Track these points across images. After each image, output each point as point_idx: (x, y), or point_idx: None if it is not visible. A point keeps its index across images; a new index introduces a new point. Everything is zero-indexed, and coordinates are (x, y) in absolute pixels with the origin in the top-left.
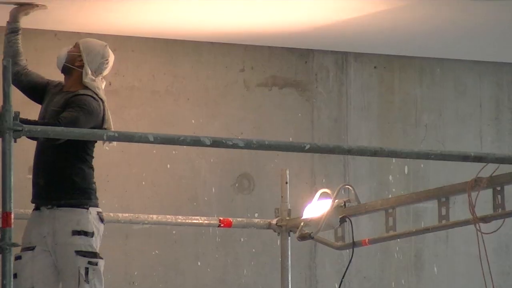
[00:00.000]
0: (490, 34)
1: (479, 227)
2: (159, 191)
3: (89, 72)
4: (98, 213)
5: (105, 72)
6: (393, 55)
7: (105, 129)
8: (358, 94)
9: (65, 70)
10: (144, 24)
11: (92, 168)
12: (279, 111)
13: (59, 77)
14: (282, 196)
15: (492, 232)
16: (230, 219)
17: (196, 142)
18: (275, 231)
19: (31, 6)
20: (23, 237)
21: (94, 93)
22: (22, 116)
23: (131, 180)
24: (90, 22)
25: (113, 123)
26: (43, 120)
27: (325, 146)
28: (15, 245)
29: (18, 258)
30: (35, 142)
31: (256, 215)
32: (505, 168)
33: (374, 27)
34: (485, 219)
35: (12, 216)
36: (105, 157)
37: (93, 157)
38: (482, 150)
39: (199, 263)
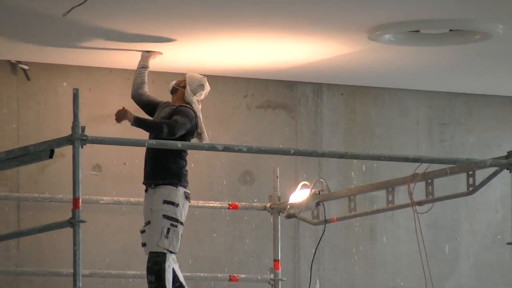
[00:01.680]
0: (424, 71)
1: (416, 208)
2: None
3: (189, 90)
4: (185, 192)
5: (201, 96)
6: (355, 85)
7: (198, 132)
8: (329, 113)
9: (173, 90)
10: (190, 64)
11: (185, 160)
12: (272, 126)
13: (120, 97)
14: (274, 187)
15: (424, 212)
16: (236, 203)
17: (212, 148)
18: (269, 212)
19: (154, 53)
20: (143, 215)
21: (191, 106)
22: (87, 129)
23: None
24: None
25: None
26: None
27: (305, 151)
28: (82, 221)
29: (143, 232)
30: (94, 149)
31: (255, 200)
32: (434, 167)
33: (341, 65)
34: (420, 203)
35: (80, 201)
36: (135, 164)
37: (187, 153)
38: (418, 154)
39: (214, 235)
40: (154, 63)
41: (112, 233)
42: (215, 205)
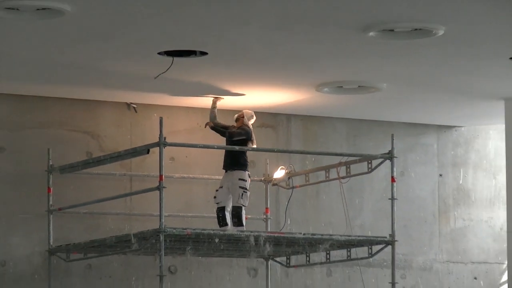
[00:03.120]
0: (345, 107)
1: (341, 181)
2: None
3: (245, 119)
4: (248, 174)
5: (252, 121)
6: (312, 115)
7: (251, 140)
8: (295, 130)
9: (237, 119)
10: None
11: (246, 156)
12: (265, 138)
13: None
14: (265, 169)
15: (345, 182)
16: None
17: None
18: (262, 182)
19: (219, 98)
20: (220, 183)
21: (248, 126)
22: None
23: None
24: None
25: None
26: (229, 138)
27: (282, 149)
28: (164, 187)
29: (217, 190)
30: (170, 149)
31: (255, 176)
32: (350, 158)
33: (302, 103)
34: (343, 178)
35: (163, 176)
36: (193, 157)
37: (246, 153)
38: (342, 151)
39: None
40: (225, 103)
41: (176, 195)
42: None
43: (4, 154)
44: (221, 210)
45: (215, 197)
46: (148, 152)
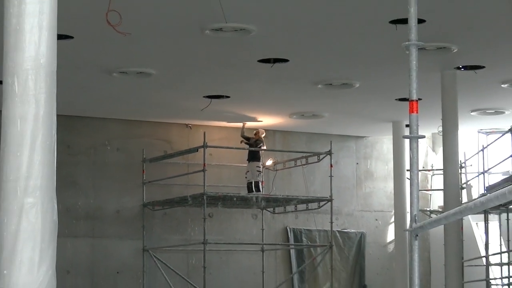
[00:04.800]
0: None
1: (303, 167)
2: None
3: (260, 133)
4: (261, 163)
5: (263, 135)
6: (287, 131)
7: (262, 147)
8: (279, 139)
9: (255, 133)
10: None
11: (259, 153)
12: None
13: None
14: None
15: (305, 167)
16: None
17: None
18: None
19: (245, 123)
20: (246, 169)
21: (261, 137)
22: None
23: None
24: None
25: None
26: (254, 144)
27: (272, 149)
28: (205, 170)
29: (246, 173)
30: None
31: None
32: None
33: (281, 124)
34: (304, 165)
35: (206, 165)
36: (222, 154)
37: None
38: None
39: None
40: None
41: (212, 175)
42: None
43: (118, 152)
44: (249, 183)
45: (246, 177)
46: (197, 151)
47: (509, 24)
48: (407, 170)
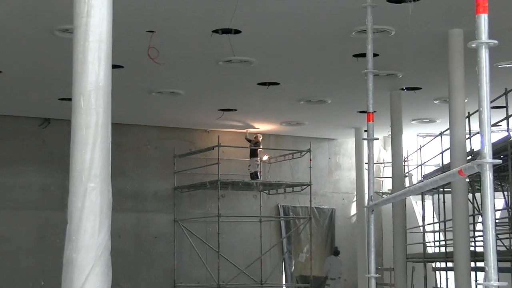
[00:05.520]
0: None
1: (290, 161)
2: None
3: (259, 137)
4: (260, 158)
5: (261, 138)
6: (278, 135)
7: (258, 147)
8: (273, 141)
9: (255, 137)
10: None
11: (257, 151)
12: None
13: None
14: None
15: (292, 160)
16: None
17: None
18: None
19: (249, 130)
20: (249, 163)
21: (259, 140)
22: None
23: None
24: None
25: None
26: (254, 145)
27: (267, 148)
28: (219, 162)
29: (249, 165)
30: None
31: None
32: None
33: (273, 130)
34: (290, 159)
35: (219, 160)
36: (231, 151)
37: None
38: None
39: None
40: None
41: (224, 166)
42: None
43: (155, 150)
44: (251, 173)
45: (248, 168)
46: (213, 149)
47: (439, 58)
48: (366, 163)
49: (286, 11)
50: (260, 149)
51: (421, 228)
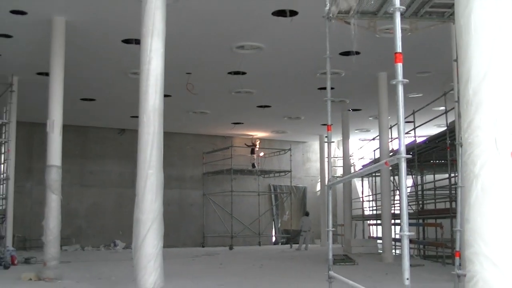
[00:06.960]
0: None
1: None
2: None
3: (256, 141)
4: (258, 154)
5: (257, 142)
6: (270, 139)
7: (256, 146)
8: (267, 143)
9: (254, 140)
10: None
11: (255, 151)
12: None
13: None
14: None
15: (279, 155)
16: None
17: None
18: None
19: (253, 137)
20: (250, 160)
21: (256, 143)
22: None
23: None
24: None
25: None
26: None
27: (264, 148)
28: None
29: (251, 160)
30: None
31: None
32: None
33: (264, 138)
34: (278, 154)
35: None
36: (240, 150)
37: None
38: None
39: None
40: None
41: (234, 160)
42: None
43: (191, 149)
44: (252, 164)
45: (250, 161)
46: (228, 148)
47: (372, 90)
48: (326, 157)
49: (275, 61)
50: (257, 149)
51: (361, 198)
